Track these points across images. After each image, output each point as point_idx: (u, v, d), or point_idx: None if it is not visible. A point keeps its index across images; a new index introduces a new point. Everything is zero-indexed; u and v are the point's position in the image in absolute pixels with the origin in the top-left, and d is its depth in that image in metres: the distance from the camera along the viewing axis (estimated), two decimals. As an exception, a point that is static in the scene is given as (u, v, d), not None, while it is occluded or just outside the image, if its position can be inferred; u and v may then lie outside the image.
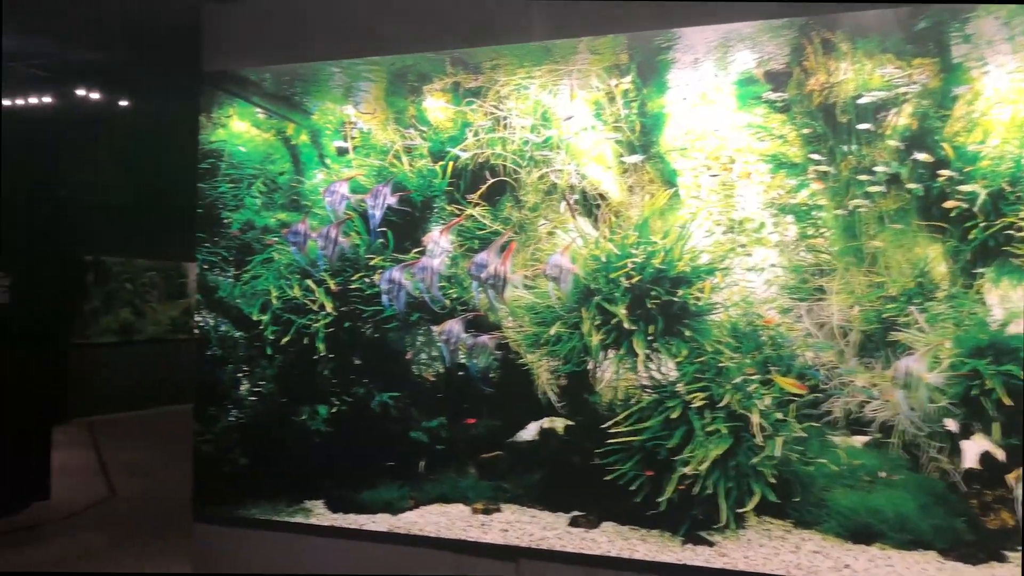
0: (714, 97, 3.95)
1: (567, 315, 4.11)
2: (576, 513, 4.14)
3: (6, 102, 7.13)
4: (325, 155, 4.70)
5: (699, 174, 4.01)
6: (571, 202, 4.24)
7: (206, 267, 4.80)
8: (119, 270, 12.58)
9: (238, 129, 4.83)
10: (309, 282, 4.58)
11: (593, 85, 4.16)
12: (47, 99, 8.17)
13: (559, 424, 4.29)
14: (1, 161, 6.54)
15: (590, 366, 4.13)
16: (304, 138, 4.75)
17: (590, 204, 4.22)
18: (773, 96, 3.87)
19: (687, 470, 3.77)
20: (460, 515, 4.35)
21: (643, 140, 4.16)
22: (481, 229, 4.37)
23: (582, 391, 4.18)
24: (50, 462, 7.21)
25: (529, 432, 4.35)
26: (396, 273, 4.37)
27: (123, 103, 9.33)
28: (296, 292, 4.57)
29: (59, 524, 6.57)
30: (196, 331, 4.78)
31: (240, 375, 4.68)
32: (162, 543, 5.62)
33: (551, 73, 4.17)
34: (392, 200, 4.43)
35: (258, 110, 4.84)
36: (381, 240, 4.51)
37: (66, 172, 10.30)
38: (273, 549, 4.63)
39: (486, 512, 4.32)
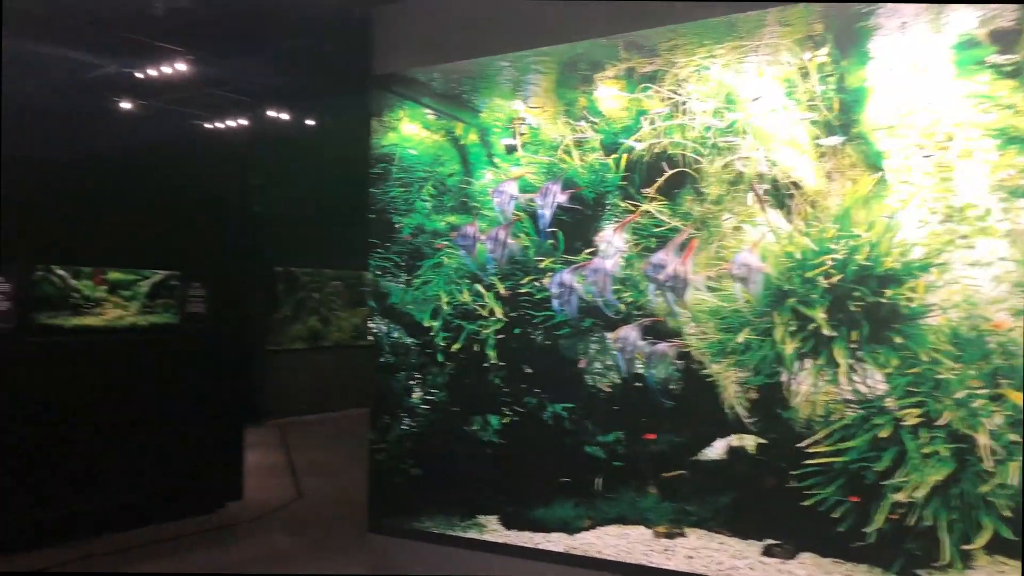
0: (927, 65, 3.75)
1: (757, 320, 4.12)
2: (770, 541, 4.13)
3: (214, 125, 8.51)
4: (494, 154, 5.05)
5: (910, 155, 3.81)
6: (760, 193, 4.23)
7: (379, 273, 5.35)
8: (307, 280, 14.50)
9: (408, 132, 5.33)
10: (479, 287, 4.96)
11: (783, 60, 4.13)
12: (243, 121, 9.67)
13: (749, 442, 4.30)
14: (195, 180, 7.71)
15: (784, 378, 4.10)
16: (473, 137, 5.14)
17: (782, 194, 4.18)
18: (1000, 59, 3.58)
19: (900, 497, 3.65)
20: (641, 538, 4.48)
21: (842, 119, 4.05)
22: (658, 226, 4.47)
23: (775, 406, 4.16)
24: (243, 463, 8.32)
25: (715, 450, 4.40)
26: (567, 276, 4.58)
27: (310, 122, 10.82)
28: (466, 297, 4.98)
29: (250, 524, 7.57)
30: (371, 337, 5.37)
31: (412, 383, 5.17)
32: (343, 548, 6.30)
33: (735, 50, 4.20)
34: (562, 198, 4.65)
35: (427, 111, 5.31)
36: (551, 241, 4.76)
37: (259, 188, 12.03)
38: (447, 564, 5.02)
39: (669, 536, 4.42)
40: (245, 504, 8.11)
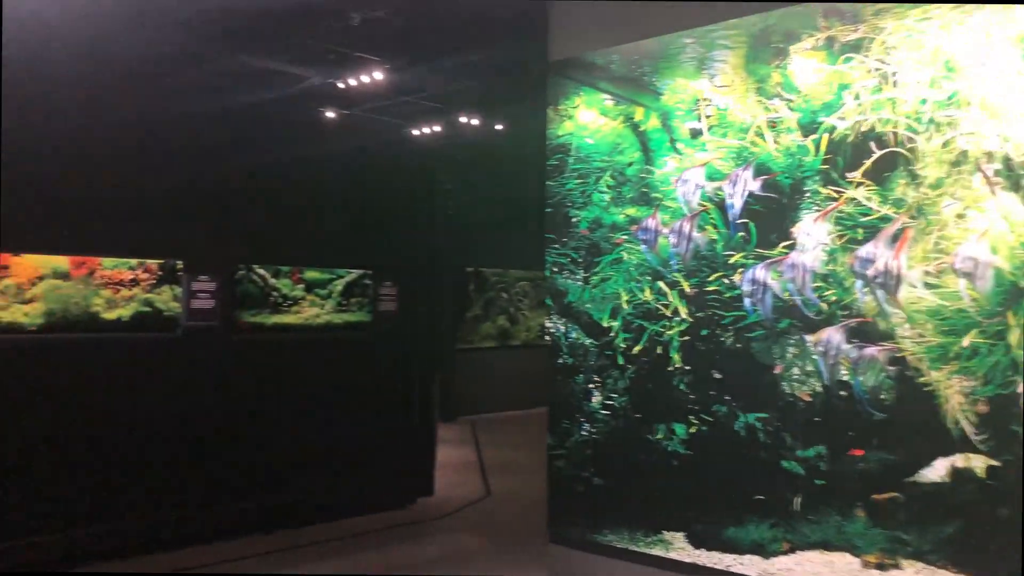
0: None
1: (986, 322, 3.69)
2: (1005, 581, 3.72)
3: (407, 131, 9.10)
4: (676, 139, 4.88)
5: None
6: (989, 174, 3.78)
7: (555, 270, 5.37)
8: (496, 280, 15.20)
9: (585, 120, 5.30)
10: (661, 284, 4.84)
11: (1020, 18, 3.66)
12: (433, 126, 10.39)
13: (978, 463, 3.84)
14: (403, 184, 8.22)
15: (1020, 388, 3.65)
16: (654, 122, 4.99)
17: (1016, 175, 3.71)
18: None
19: None
20: (847, 567, 4.17)
21: (1096, 82, 3.53)
22: (866, 215, 4.11)
23: (1009, 421, 3.70)
24: (435, 459, 8.71)
25: (936, 471, 3.98)
26: (760, 272, 4.38)
27: (498, 126, 11.53)
28: (647, 295, 4.87)
29: (440, 522, 7.90)
30: (548, 338, 5.40)
31: (591, 386, 5.14)
32: (526, 552, 6.41)
33: (956, 10, 3.78)
34: (754, 185, 4.45)
35: (605, 97, 5.24)
36: (742, 234, 4.54)
37: (450, 192, 12.79)
38: (631, 580, 5.00)
39: (880, 567, 4.08)
40: (436, 500, 8.50)
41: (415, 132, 8.98)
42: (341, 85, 10.28)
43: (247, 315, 7.23)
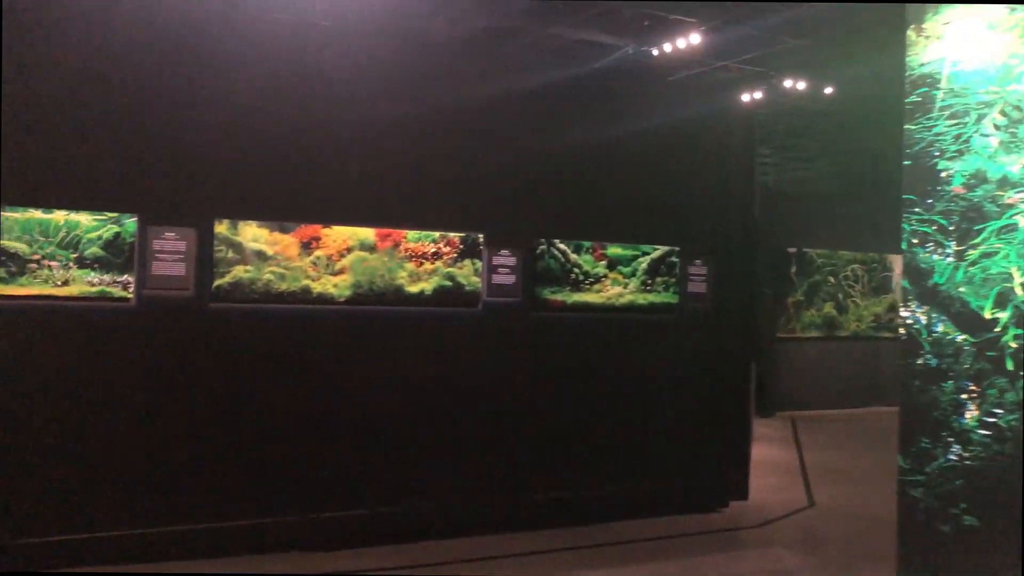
0: None
1: None
2: None
3: (722, 97, 8.16)
4: (1110, 56, 3.38)
5: None
6: None
7: (915, 242, 4.05)
8: (822, 262, 13.26)
9: (961, 38, 3.89)
10: (1079, 260, 3.39)
11: None
12: (753, 92, 9.34)
13: None
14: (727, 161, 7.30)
15: None
16: (1071, 35, 3.52)
17: None
18: None
19: None
20: None
21: None
22: None
23: None
24: (749, 459, 7.61)
25: None
26: None
27: (827, 90, 10.24)
28: (1057, 276, 3.45)
29: (755, 531, 6.82)
30: (902, 330, 4.10)
31: (965, 397, 3.79)
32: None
33: None
34: None
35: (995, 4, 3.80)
36: None
37: (770, 164, 11.42)
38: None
39: None
40: (750, 505, 7.42)
41: (732, 99, 7.92)
42: (655, 52, 9.52)
43: (547, 292, 6.68)
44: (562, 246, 6.75)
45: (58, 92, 5.23)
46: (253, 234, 5.69)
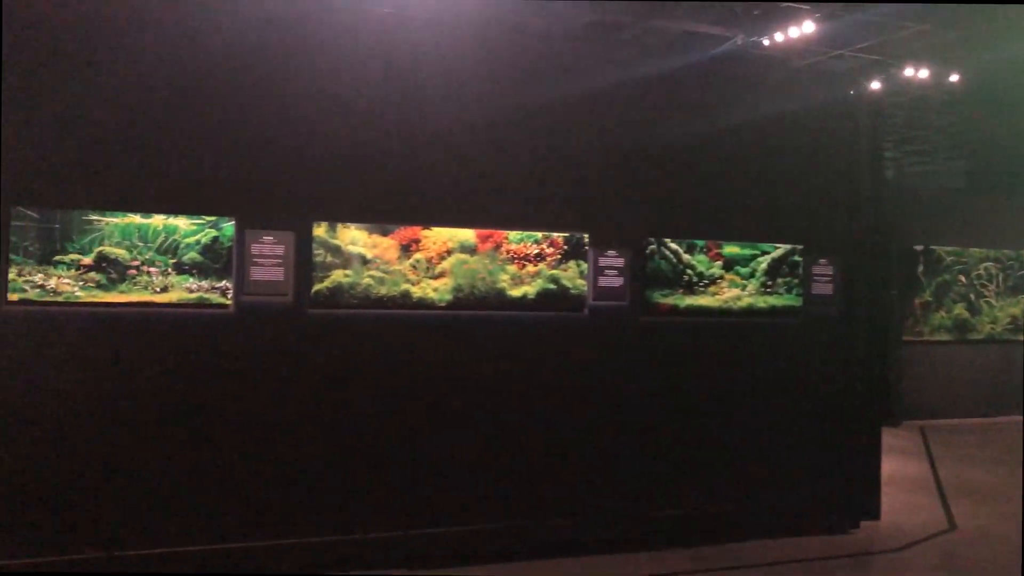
0: None
1: None
2: None
3: (842, 87, 7.48)
4: None
5: None
6: None
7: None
8: (952, 261, 12.26)
9: None
10: None
11: None
12: (874, 81, 8.64)
13: None
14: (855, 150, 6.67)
15: None
16: None
17: None
18: None
19: None
20: None
21: None
22: None
23: None
24: (880, 475, 6.92)
25: None
26: None
27: (952, 78, 9.37)
28: None
29: (889, 557, 6.16)
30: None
31: None
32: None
33: None
34: None
35: None
36: None
37: (893, 158, 10.61)
38: None
39: None
40: (883, 527, 6.74)
41: (857, 87, 7.23)
42: (766, 42, 8.92)
43: (658, 295, 6.19)
44: (674, 246, 6.25)
45: (154, 96, 5.10)
46: (352, 237, 5.44)
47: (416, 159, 5.62)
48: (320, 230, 5.36)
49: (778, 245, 6.54)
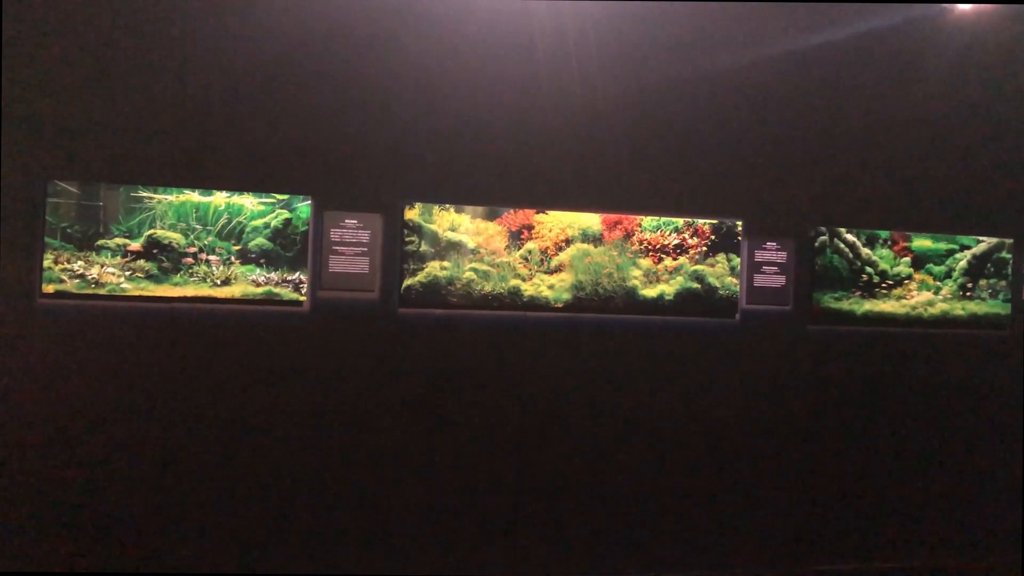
0: None
1: None
2: None
3: None
4: None
5: None
6: None
7: None
8: None
9: None
10: None
11: None
12: None
13: None
14: None
15: None
16: None
17: None
18: None
19: None
20: None
21: None
22: None
23: None
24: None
25: None
26: None
27: None
28: None
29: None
30: None
31: None
32: None
33: None
34: None
35: None
36: None
37: None
38: None
39: None
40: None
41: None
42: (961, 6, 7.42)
43: (829, 297, 4.87)
44: (850, 237, 4.92)
45: (220, 57, 4.18)
46: (452, 221, 4.38)
47: (530, 129, 4.52)
48: (413, 213, 4.33)
49: (981, 238, 5.11)
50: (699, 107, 4.74)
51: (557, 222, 4.51)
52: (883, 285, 4.93)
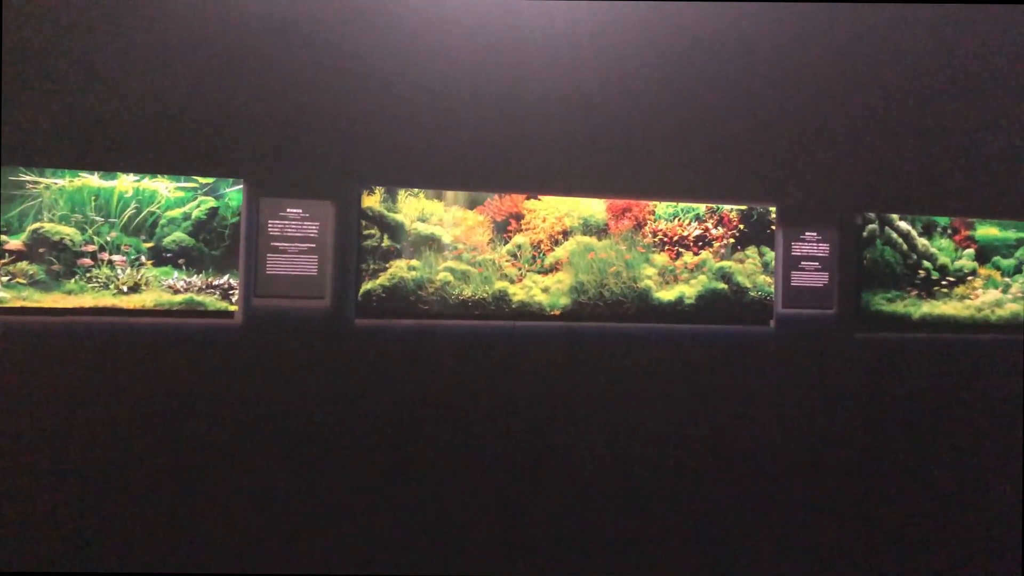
0: None
1: None
2: None
3: None
4: None
5: None
6: None
7: None
8: None
9: None
10: None
11: None
12: None
13: None
14: None
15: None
16: None
17: None
18: None
19: None
20: None
21: None
22: None
23: None
24: None
25: None
26: None
27: None
28: None
29: None
30: None
31: None
32: None
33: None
34: None
35: None
36: None
37: None
38: None
39: None
40: None
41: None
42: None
43: (881, 298, 4.02)
44: (904, 225, 4.07)
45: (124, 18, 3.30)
46: (421, 210, 3.51)
47: (518, 96, 3.65)
48: (373, 199, 3.46)
49: (1056, 225, 4.28)
50: (722, 68, 3.89)
51: (552, 210, 3.64)
52: (943, 282, 4.09)
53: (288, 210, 3.35)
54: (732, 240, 3.83)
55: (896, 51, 4.09)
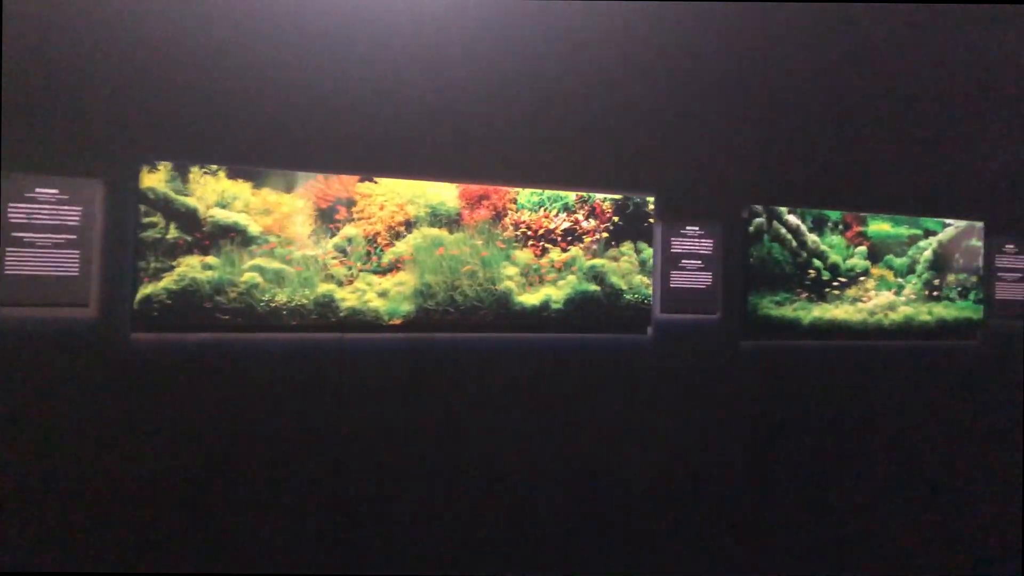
0: None
1: None
2: None
3: None
4: None
5: None
6: None
7: None
8: None
9: None
10: None
11: None
12: None
13: None
14: None
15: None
16: None
17: None
18: None
19: None
20: None
21: None
22: None
23: None
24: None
25: None
26: None
27: None
28: None
29: None
30: None
31: None
32: None
33: None
34: None
35: None
36: None
37: None
38: None
39: None
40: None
41: None
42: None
43: (768, 301, 3.55)
44: (793, 220, 3.63)
45: None
46: (221, 192, 2.77)
47: (348, 51, 2.97)
48: (156, 178, 2.70)
49: (948, 221, 3.95)
50: (597, 46, 3.32)
51: (392, 196, 2.98)
52: (834, 283, 3.68)
53: (38, 191, 2.56)
54: (606, 235, 3.28)
55: (787, 35, 3.65)
